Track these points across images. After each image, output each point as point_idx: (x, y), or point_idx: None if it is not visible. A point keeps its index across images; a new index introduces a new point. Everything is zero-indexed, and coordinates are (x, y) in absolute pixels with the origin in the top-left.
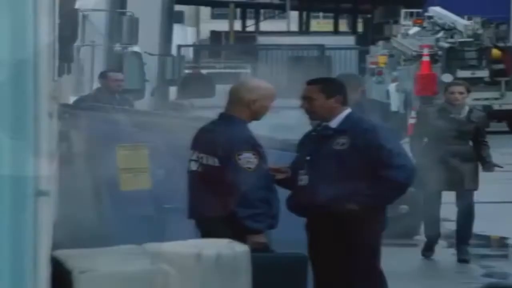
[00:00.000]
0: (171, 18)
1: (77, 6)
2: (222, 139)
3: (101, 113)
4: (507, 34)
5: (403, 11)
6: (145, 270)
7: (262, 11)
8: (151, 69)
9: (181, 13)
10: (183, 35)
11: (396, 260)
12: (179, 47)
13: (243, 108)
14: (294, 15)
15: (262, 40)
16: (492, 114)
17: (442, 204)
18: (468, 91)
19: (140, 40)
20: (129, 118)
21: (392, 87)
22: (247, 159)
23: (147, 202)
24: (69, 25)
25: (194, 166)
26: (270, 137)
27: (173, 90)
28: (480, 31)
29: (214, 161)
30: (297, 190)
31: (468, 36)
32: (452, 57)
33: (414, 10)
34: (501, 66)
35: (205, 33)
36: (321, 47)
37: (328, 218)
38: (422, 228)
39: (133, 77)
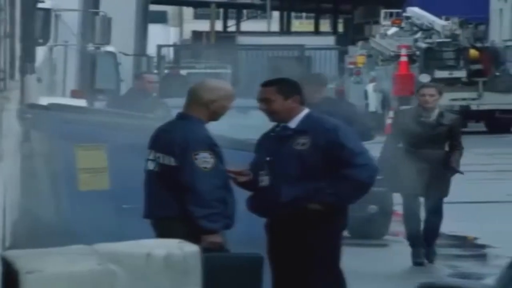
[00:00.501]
0: (146, 18)
1: (49, 6)
2: (179, 138)
3: (65, 113)
4: (485, 35)
5: (383, 11)
6: (91, 271)
7: (245, 11)
8: (126, 69)
9: (164, 13)
10: (165, 35)
11: (364, 260)
12: (159, 47)
13: (201, 108)
14: (276, 15)
15: (242, 40)
16: (470, 115)
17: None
18: (440, 93)
19: (116, 40)
20: (97, 118)
21: (370, 87)
22: (204, 159)
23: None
24: (31, 23)
25: (151, 166)
26: (229, 137)
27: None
28: (457, 32)
29: (170, 161)
30: (258, 191)
31: (446, 37)
32: (430, 58)
33: (394, 11)
34: (478, 66)
35: (188, 33)
36: (301, 47)
37: (290, 218)
38: (390, 228)
39: (107, 77)
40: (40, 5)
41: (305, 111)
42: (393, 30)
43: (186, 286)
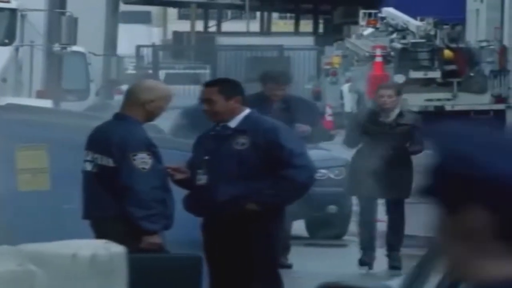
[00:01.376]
0: (116, 18)
1: (15, 6)
2: (116, 139)
3: (9, 114)
4: (460, 35)
5: (361, 12)
6: (11, 271)
7: (229, 12)
8: (96, 69)
9: (148, 14)
10: (148, 35)
11: (323, 261)
12: (138, 47)
13: (139, 108)
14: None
15: (221, 40)
16: (445, 115)
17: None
18: (399, 93)
19: (85, 40)
20: (41, 119)
21: (345, 87)
22: (142, 159)
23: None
24: None
25: (89, 167)
26: (168, 137)
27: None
28: (432, 32)
29: (108, 162)
30: (196, 190)
31: (421, 37)
32: (404, 58)
33: (373, 11)
34: (453, 67)
35: (171, 34)
36: (279, 48)
37: (227, 218)
38: (349, 228)
39: (77, 77)
40: (5, 5)
41: (246, 111)
42: (369, 30)
43: (112, 287)
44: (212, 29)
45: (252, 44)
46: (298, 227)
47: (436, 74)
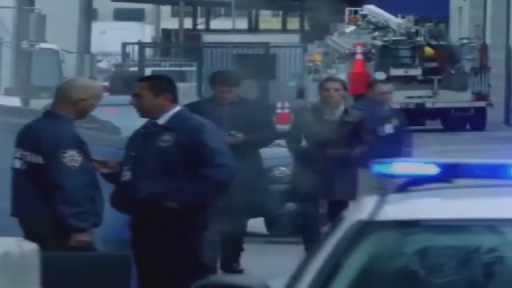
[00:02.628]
0: (89, 16)
1: None
2: (46, 137)
3: None
4: (441, 33)
5: (347, 9)
6: None
7: (222, 9)
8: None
9: (141, 11)
10: (141, 32)
11: (283, 258)
12: (124, 45)
13: (69, 106)
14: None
15: (207, 38)
16: (425, 112)
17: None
18: (345, 88)
19: (59, 38)
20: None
21: None
22: (72, 157)
23: None
24: None
25: (18, 164)
26: (100, 135)
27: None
28: (413, 30)
29: (38, 159)
30: (120, 186)
31: (401, 35)
32: (385, 55)
33: (358, 9)
34: (434, 64)
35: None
36: (265, 45)
37: (150, 215)
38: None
39: (50, 74)
40: None
41: (176, 108)
42: (351, 28)
43: (24, 285)
44: (201, 26)
45: (237, 41)
46: (257, 224)
47: (416, 72)
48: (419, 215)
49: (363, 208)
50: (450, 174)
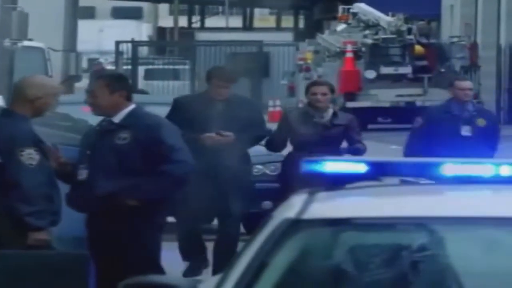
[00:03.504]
0: (75, 14)
1: None
2: (3, 135)
3: None
4: (431, 31)
5: (340, 7)
6: None
7: (220, 8)
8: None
9: (139, 9)
10: (138, 31)
11: None
12: (117, 43)
13: (27, 104)
14: (255, 11)
15: (200, 36)
16: (415, 111)
17: None
18: (332, 91)
19: (45, 36)
20: None
21: None
22: (29, 155)
23: None
24: None
25: None
26: (60, 134)
27: None
28: (403, 28)
29: None
30: (76, 185)
31: (391, 33)
32: (375, 54)
33: (350, 7)
34: (424, 62)
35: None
36: (259, 43)
37: (107, 213)
38: None
39: (36, 73)
40: None
41: (131, 106)
42: (342, 26)
43: None
44: (197, 24)
45: (231, 39)
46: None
47: (407, 70)
48: (346, 213)
49: (291, 207)
50: (378, 172)
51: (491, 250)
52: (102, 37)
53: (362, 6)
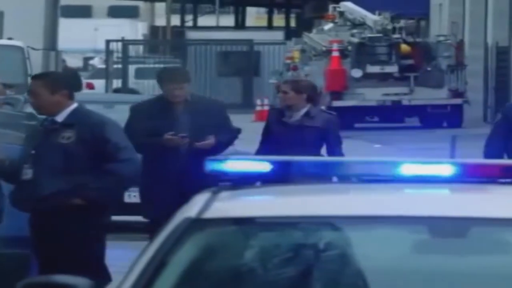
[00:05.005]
0: (56, 12)
1: None
2: None
3: None
4: (417, 29)
5: (331, 6)
6: None
7: (216, 6)
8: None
9: (136, 8)
10: (133, 30)
11: None
12: (108, 42)
13: None
14: (250, 10)
15: (192, 35)
16: (402, 109)
17: None
18: (299, 91)
19: (25, 35)
20: None
21: None
22: None
23: None
24: None
25: None
26: (9, 132)
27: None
28: (389, 26)
29: None
30: (21, 185)
31: (378, 31)
32: (361, 52)
33: (336, 5)
34: (410, 61)
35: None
36: (249, 42)
37: (52, 213)
38: None
39: (15, 71)
40: None
41: (74, 105)
42: (330, 25)
43: None
44: (190, 23)
45: (221, 38)
46: None
47: (393, 69)
48: (247, 212)
49: (193, 206)
50: (283, 171)
51: (391, 248)
52: (97, 36)
53: (349, 4)
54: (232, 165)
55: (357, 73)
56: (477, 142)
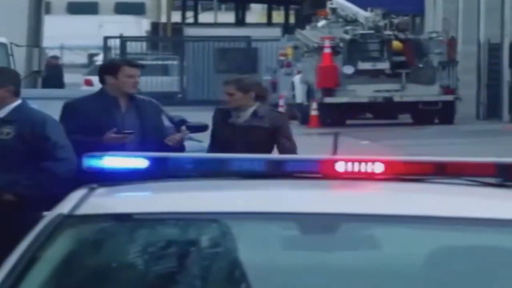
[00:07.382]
0: (40, 8)
1: None
2: None
3: None
4: (408, 26)
5: (328, 2)
6: None
7: (222, 4)
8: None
9: (142, 5)
10: (138, 26)
11: None
12: (106, 38)
13: None
14: (256, 7)
15: (189, 31)
16: (393, 106)
17: None
18: (245, 91)
19: (8, 31)
20: None
21: (297, 78)
22: None
23: None
24: None
25: None
26: None
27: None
28: (381, 23)
29: None
30: None
31: (369, 28)
32: (353, 49)
33: (329, 2)
34: (402, 58)
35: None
36: (246, 39)
37: None
38: None
39: None
40: None
41: (17, 102)
42: (323, 22)
43: None
44: (190, 20)
45: (219, 35)
46: None
47: (384, 65)
48: (122, 208)
49: (67, 202)
50: (159, 168)
51: (261, 244)
52: (102, 32)
53: (341, 1)
54: (110, 161)
55: (348, 69)
56: (467, 138)
